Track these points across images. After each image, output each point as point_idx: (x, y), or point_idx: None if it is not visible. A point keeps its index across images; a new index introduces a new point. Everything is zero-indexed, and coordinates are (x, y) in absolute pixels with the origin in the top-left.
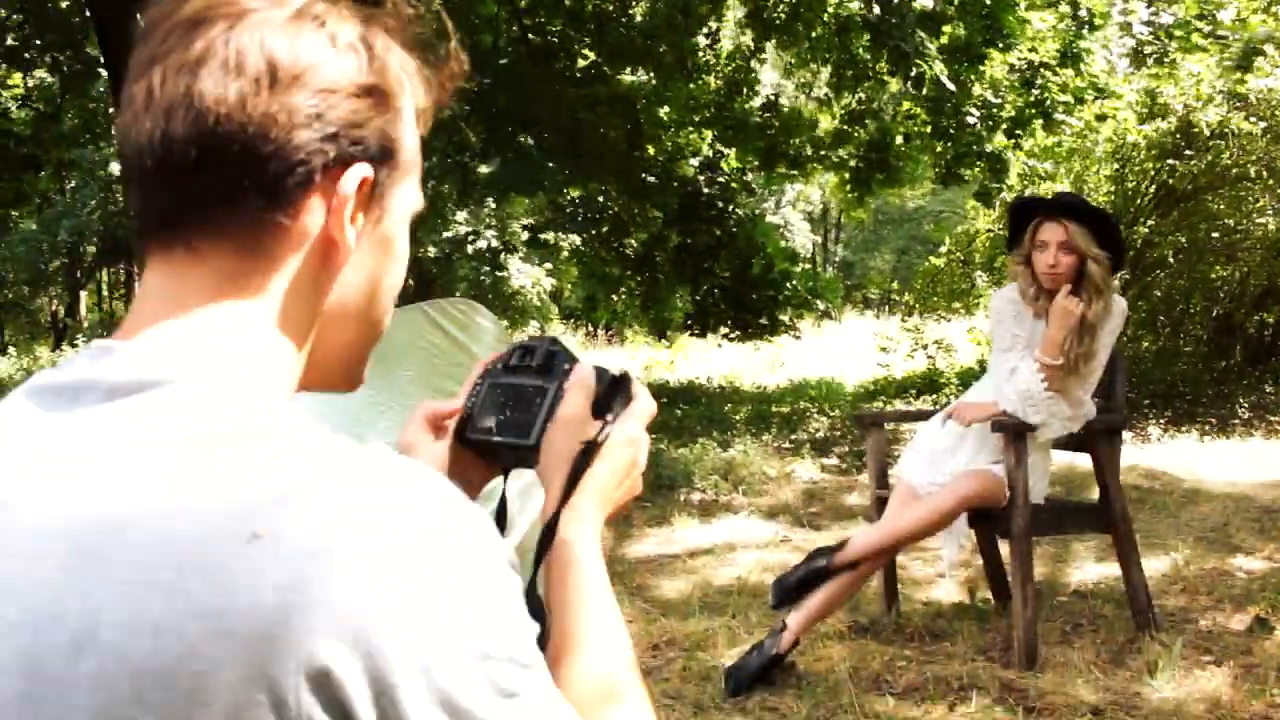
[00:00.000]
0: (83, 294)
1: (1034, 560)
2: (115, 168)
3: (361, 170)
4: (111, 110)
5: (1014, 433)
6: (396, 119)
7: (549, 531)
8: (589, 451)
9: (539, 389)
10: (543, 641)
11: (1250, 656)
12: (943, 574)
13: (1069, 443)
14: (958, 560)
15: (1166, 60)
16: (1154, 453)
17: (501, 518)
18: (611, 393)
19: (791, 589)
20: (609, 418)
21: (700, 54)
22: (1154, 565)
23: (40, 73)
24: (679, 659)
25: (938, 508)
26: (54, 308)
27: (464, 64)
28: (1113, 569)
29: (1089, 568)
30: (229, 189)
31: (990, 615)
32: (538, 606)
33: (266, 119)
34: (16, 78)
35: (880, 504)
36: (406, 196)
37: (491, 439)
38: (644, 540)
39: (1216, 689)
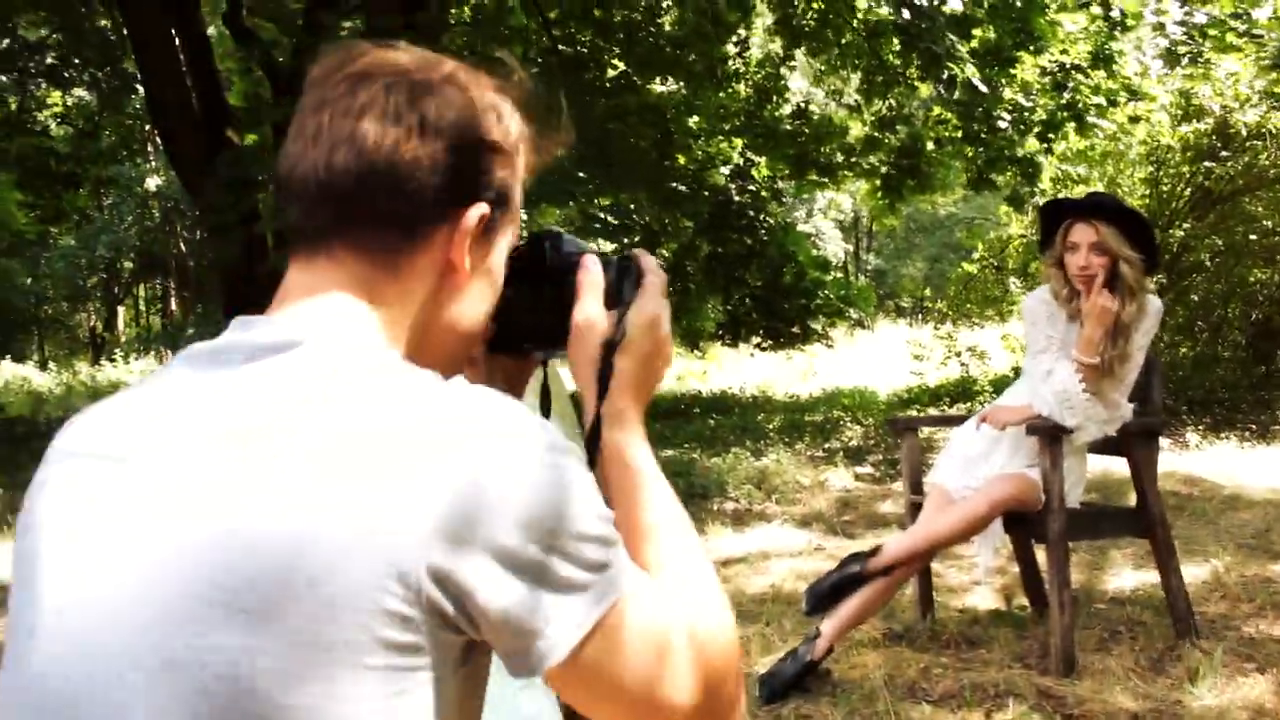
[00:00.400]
0: (120, 309)
1: (1070, 566)
2: (152, 184)
3: (481, 209)
4: (149, 127)
5: (1049, 436)
6: (513, 174)
7: (594, 436)
8: (610, 351)
9: (556, 288)
10: None
11: None
12: (979, 580)
13: (1105, 447)
14: (993, 566)
15: (1201, 60)
16: (1192, 459)
17: (546, 406)
18: (620, 278)
19: (825, 595)
20: (624, 307)
21: (730, 62)
22: (1193, 572)
23: (78, 90)
24: None
25: (972, 512)
26: (91, 323)
27: (571, 136)
28: (1151, 575)
29: (1126, 574)
30: (376, 213)
31: (1027, 622)
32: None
33: (414, 162)
34: (55, 95)
35: (915, 510)
36: (509, 239)
37: (523, 347)
38: None
39: (1260, 696)
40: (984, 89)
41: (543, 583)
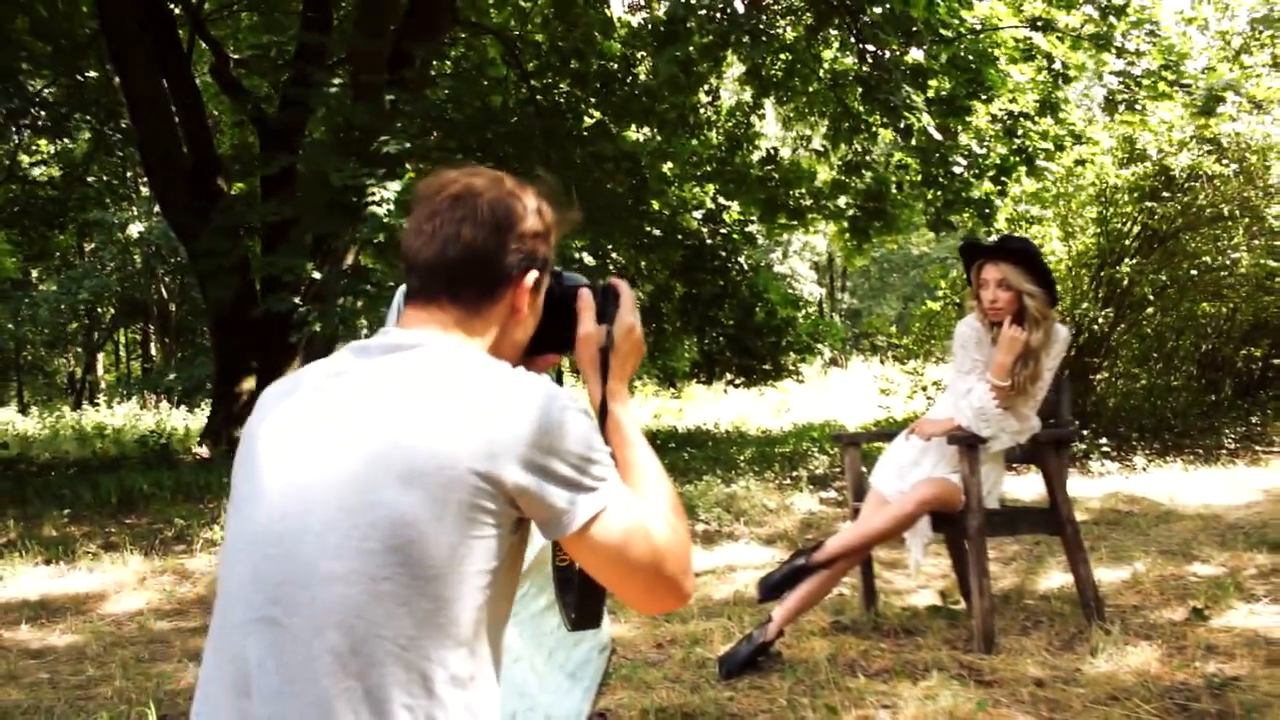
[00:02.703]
0: (100, 355)
1: (1009, 569)
2: (134, 230)
3: (534, 275)
4: (130, 174)
5: (968, 445)
6: (549, 248)
7: (603, 411)
8: (605, 354)
9: (562, 310)
10: None
11: (1183, 640)
12: (913, 575)
13: (1023, 456)
14: (924, 560)
15: (1138, 108)
16: (1138, 481)
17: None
18: (605, 301)
19: (775, 586)
20: (609, 321)
21: (701, 111)
22: (1116, 574)
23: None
24: (680, 653)
25: (900, 511)
26: (71, 368)
27: (579, 216)
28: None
29: (1055, 575)
30: (472, 281)
31: (961, 615)
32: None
33: (498, 250)
34: (42, 142)
35: (857, 513)
36: (543, 289)
37: (545, 351)
38: None
39: (1145, 664)
40: (939, 136)
41: (567, 485)
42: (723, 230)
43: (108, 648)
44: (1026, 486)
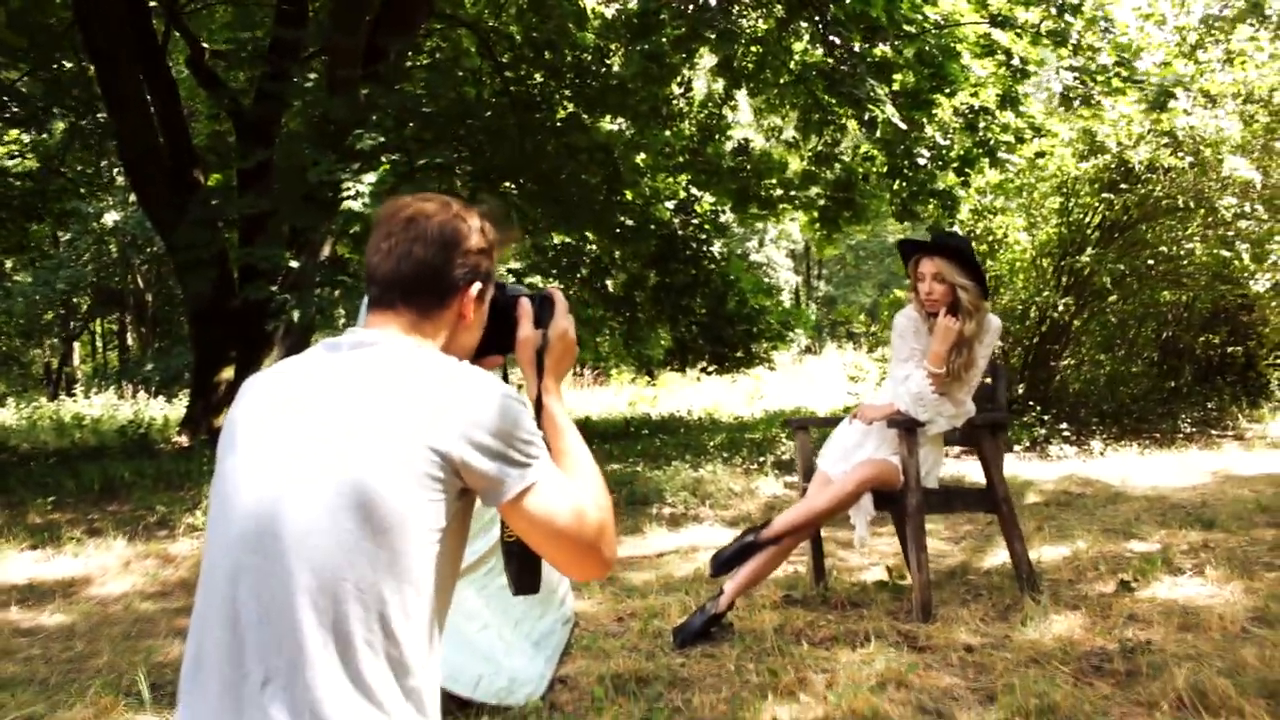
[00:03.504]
0: (75, 345)
1: (958, 547)
2: (109, 219)
3: (479, 285)
4: (104, 163)
5: (906, 428)
6: (492, 263)
7: (538, 406)
8: (541, 355)
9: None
10: None
11: (1108, 610)
12: (858, 550)
13: (961, 439)
14: (868, 535)
15: (1093, 102)
16: (1094, 465)
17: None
18: (542, 309)
19: (726, 562)
20: (544, 327)
21: (674, 102)
22: (1058, 550)
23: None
24: (638, 624)
25: (841, 490)
26: (46, 359)
27: (520, 234)
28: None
29: (1000, 553)
30: (423, 293)
31: (906, 590)
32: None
33: (445, 265)
34: (13, 133)
35: (805, 493)
36: (487, 299)
37: (490, 352)
38: (621, 545)
39: (1070, 631)
40: (904, 128)
41: (503, 460)
42: (695, 220)
43: (95, 626)
44: (973, 469)
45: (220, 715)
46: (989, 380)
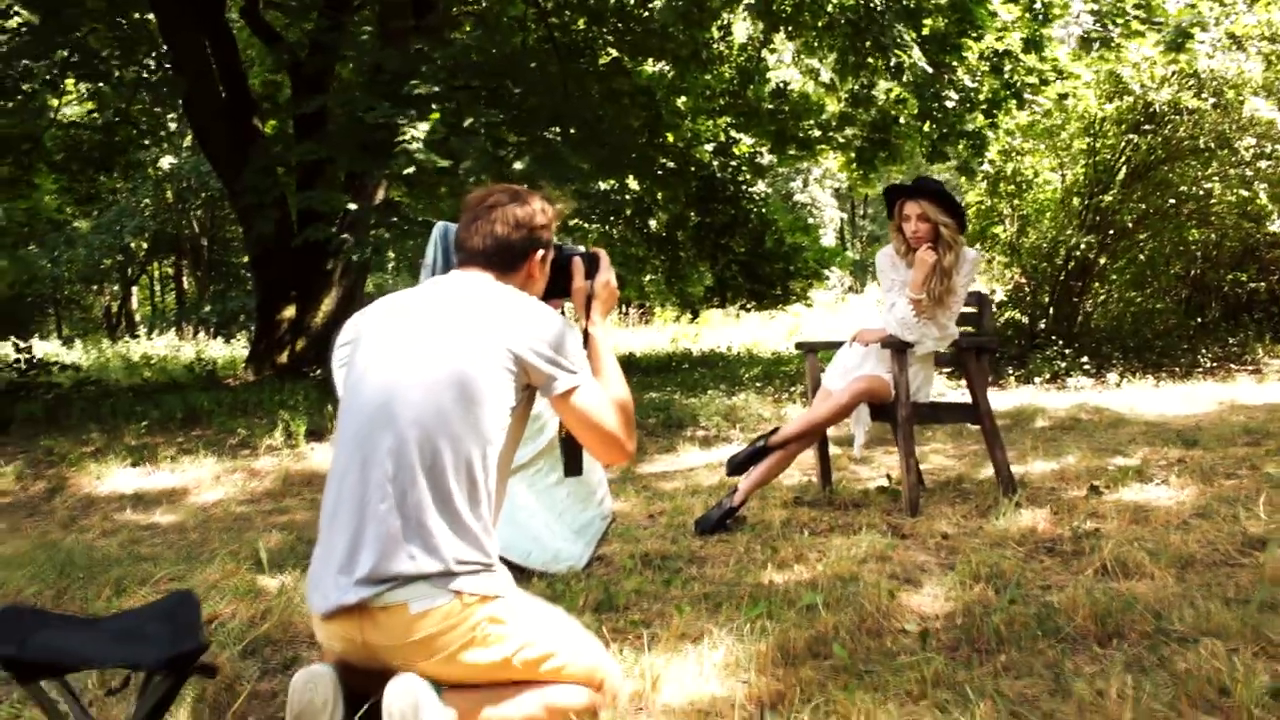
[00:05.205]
0: (134, 289)
1: (961, 461)
2: (165, 163)
3: (541, 252)
4: (171, 106)
5: (896, 348)
6: (551, 233)
7: (586, 335)
8: (589, 300)
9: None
10: None
11: (1074, 509)
12: (856, 455)
13: (951, 360)
14: (864, 442)
15: (1113, 45)
16: (1108, 395)
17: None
18: (591, 264)
19: (741, 462)
20: (592, 279)
21: (714, 46)
22: (1048, 465)
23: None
24: (665, 519)
25: (837, 401)
26: (106, 303)
27: (569, 206)
28: (1013, 470)
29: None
30: (503, 258)
31: (902, 495)
32: None
33: (516, 240)
34: (70, 82)
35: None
36: (549, 260)
37: (550, 298)
38: (655, 463)
39: (1033, 523)
40: (929, 70)
41: (554, 365)
42: (734, 162)
43: (202, 524)
44: (1006, 398)
45: (350, 528)
46: (976, 309)
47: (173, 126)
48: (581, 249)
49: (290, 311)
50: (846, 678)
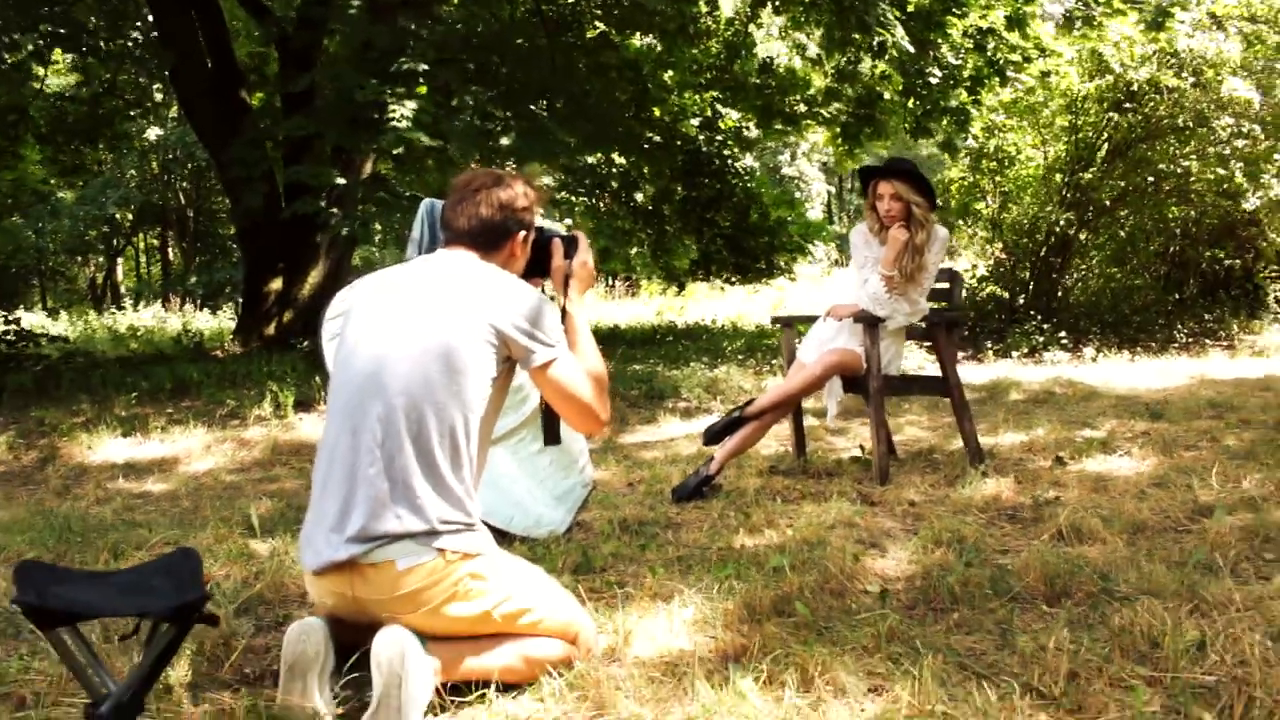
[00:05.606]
0: (119, 260)
1: (935, 433)
2: (152, 134)
3: (524, 232)
4: (156, 75)
5: (868, 322)
6: (533, 215)
7: (564, 312)
8: (568, 279)
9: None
10: None
11: (1039, 478)
12: (828, 424)
13: (921, 335)
14: (837, 413)
15: (1095, 23)
16: (1083, 370)
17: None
18: (570, 245)
19: (717, 432)
20: (570, 259)
21: (701, 20)
22: (1017, 437)
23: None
24: (644, 487)
25: (810, 373)
26: (91, 274)
27: (549, 192)
28: (983, 442)
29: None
30: (486, 238)
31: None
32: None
33: (500, 221)
34: (57, 53)
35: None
36: (530, 240)
37: (531, 277)
38: (636, 433)
39: (996, 491)
40: (911, 50)
41: (532, 339)
42: (719, 136)
43: (194, 491)
44: (983, 372)
45: (342, 490)
46: (948, 285)
47: (159, 98)
48: (561, 231)
49: (277, 284)
50: (807, 633)
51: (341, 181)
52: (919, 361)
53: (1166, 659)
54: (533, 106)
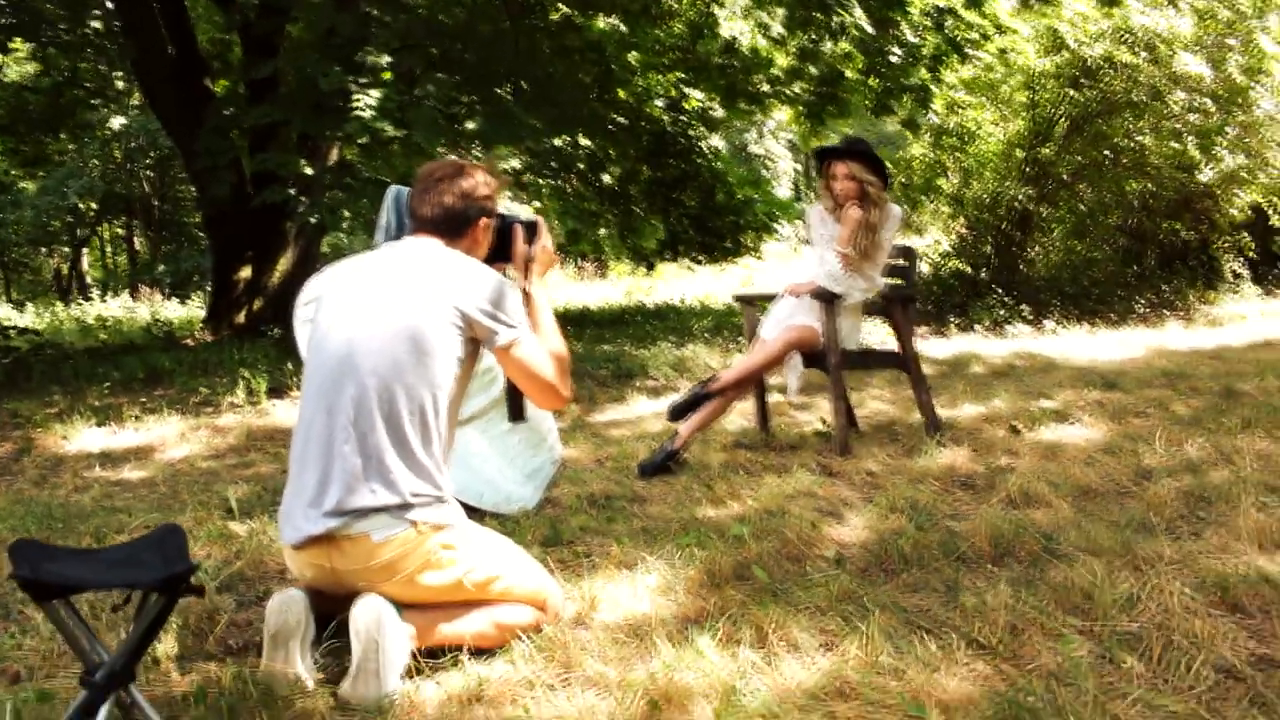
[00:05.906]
0: (84, 250)
1: (894, 406)
2: (116, 123)
3: (486, 219)
4: (119, 64)
5: (825, 299)
6: (495, 202)
7: (526, 296)
8: (529, 263)
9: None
10: None
11: (993, 447)
12: (789, 398)
13: (878, 310)
14: (798, 388)
15: (1051, 0)
16: (1044, 342)
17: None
18: (530, 231)
19: (681, 408)
20: (531, 244)
21: (664, 0)
22: (976, 408)
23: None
24: (611, 464)
25: (769, 349)
26: (56, 265)
27: (509, 180)
28: (942, 413)
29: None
30: (450, 226)
31: (835, 437)
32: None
33: (463, 209)
34: (17, 42)
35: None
36: (492, 227)
37: (493, 262)
38: (605, 412)
39: (952, 460)
40: (871, 31)
41: (495, 320)
42: (684, 117)
43: (170, 478)
44: (946, 346)
45: (318, 468)
46: (904, 262)
47: (120, 86)
48: (522, 217)
49: (247, 272)
50: (765, 596)
51: (309, 171)
52: (882, 337)
53: (1099, 611)
54: (498, 90)
